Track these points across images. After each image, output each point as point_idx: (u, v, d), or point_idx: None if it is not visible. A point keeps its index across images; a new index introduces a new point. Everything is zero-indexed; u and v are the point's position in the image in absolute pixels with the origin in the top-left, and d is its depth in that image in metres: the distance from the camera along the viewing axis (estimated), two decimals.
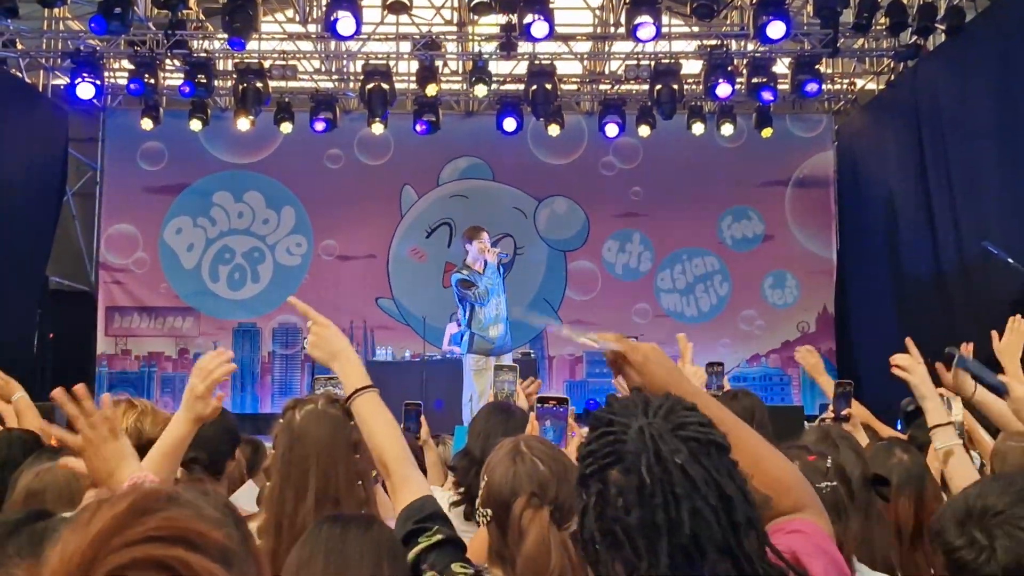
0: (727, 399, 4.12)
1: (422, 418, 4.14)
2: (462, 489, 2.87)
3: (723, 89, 10.41)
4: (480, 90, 10.90)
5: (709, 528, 1.23)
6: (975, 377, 3.00)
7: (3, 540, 1.51)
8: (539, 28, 9.20)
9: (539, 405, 2.88)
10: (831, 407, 4.03)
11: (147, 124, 11.52)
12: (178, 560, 0.85)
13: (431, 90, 10.75)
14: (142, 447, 2.27)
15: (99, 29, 9.16)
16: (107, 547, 0.84)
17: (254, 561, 0.99)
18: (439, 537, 1.81)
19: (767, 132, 11.68)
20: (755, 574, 1.23)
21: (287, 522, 2.14)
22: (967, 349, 3.07)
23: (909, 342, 3.02)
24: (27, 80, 11.19)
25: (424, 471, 3.64)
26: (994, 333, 3.14)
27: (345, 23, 9.20)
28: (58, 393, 1.95)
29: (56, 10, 10.22)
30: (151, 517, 0.87)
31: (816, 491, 1.98)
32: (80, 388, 1.98)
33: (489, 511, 1.84)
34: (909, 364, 2.96)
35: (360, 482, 2.26)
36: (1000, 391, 2.94)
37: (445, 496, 2.91)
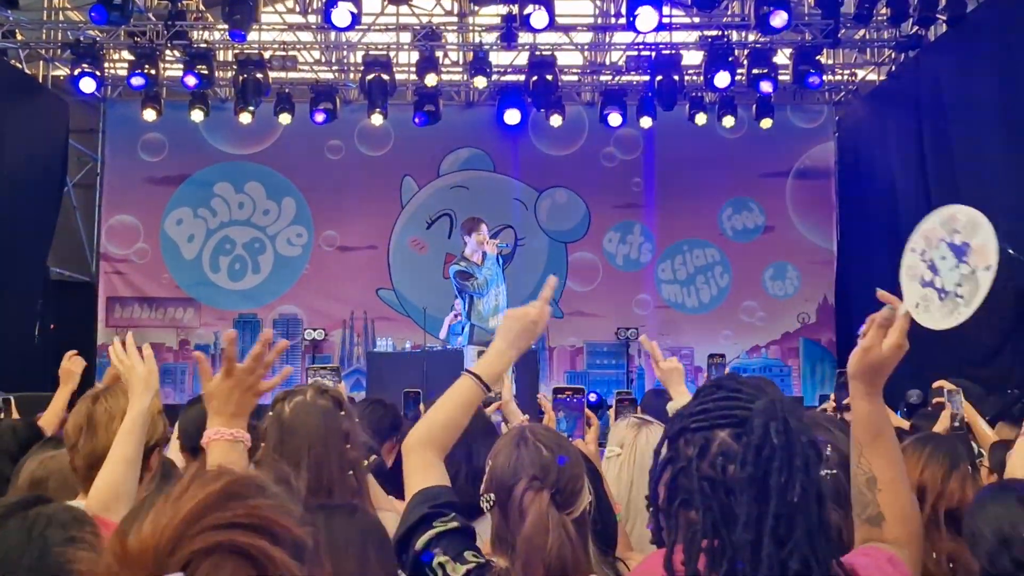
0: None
1: (421, 406, 4.15)
2: None
3: (721, 79, 10.38)
4: (479, 82, 10.88)
5: (808, 508, 1.28)
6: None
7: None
8: (539, 18, 9.18)
9: (555, 396, 2.89)
10: (832, 396, 4.05)
11: (148, 115, 11.51)
12: (260, 551, 0.89)
13: (430, 80, 10.74)
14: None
15: (100, 19, 9.14)
16: (196, 526, 0.88)
17: (319, 560, 1.02)
18: (454, 524, 1.82)
19: (766, 123, 11.66)
20: (826, 573, 1.28)
21: None
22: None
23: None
24: (27, 71, 11.18)
25: None
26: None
27: (340, 14, 9.19)
28: (199, 355, 2.04)
29: (56, 1, 10.20)
30: (240, 503, 0.91)
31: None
32: (230, 333, 2.04)
33: (492, 496, 1.85)
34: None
35: (351, 471, 2.27)
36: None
37: None
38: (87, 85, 10.31)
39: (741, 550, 1.27)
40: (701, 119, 11.53)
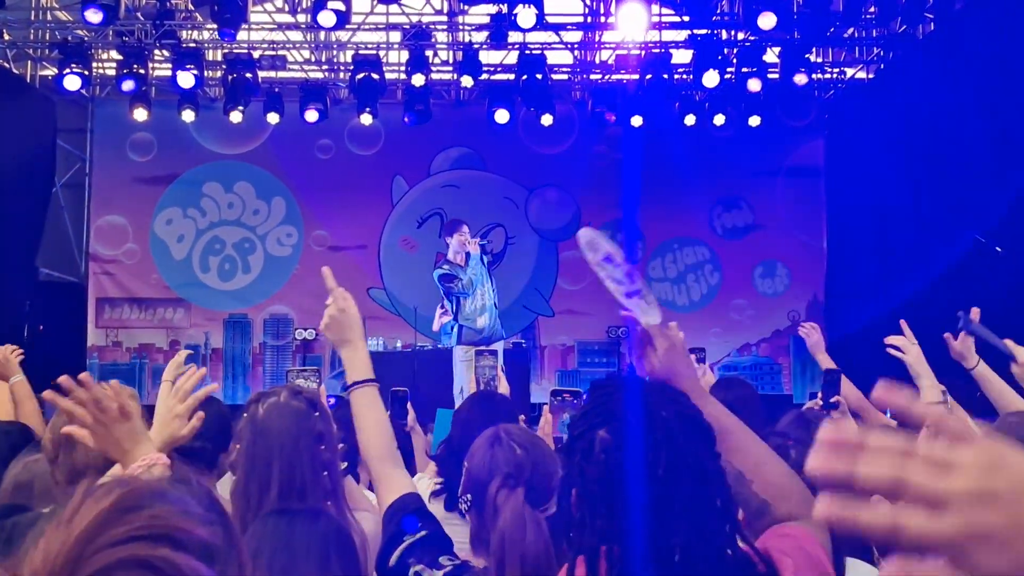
0: (720, 387, 4.14)
1: (408, 404, 4.15)
2: (441, 480, 2.88)
3: (710, 78, 10.40)
4: (466, 81, 10.88)
5: (681, 483, 1.26)
6: (981, 342, 3.03)
7: None
8: (528, 17, 9.17)
9: (553, 399, 2.91)
10: (820, 394, 4.06)
11: (138, 115, 11.46)
12: (163, 559, 0.85)
13: (418, 80, 10.72)
14: None
15: (100, 21, 9.06)
16: (92, 546, 0.84)
17: (238, 556, 0.99)
18: (423, 533, 1.82)
19: (755, 121, 11.67)
20: (722, 549, 1.25)
21: (251, 516, 2.13)
22: (975, 314, 3.09)
23: (904, 324, 3.05)
24: (14, 71, 11.13)
25: (412, 458, 3.65)
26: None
27: (326, 16, 9.18)
28: (49, 394, 1.92)
29: (43, 0, 10.16)
30: (136, 515, 0.87)
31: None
32: (84, 375, 1.96)
33: (469, 496, 1.85)
34: (904, 344, 3.00)
35: (326, 473, 2.26)
36: (1009, 356, 2.97)
37: (426, 484, 2.92)
38: (71, 83, 10.26)
39: (628, 539, 1.25)
40: (690, 119, 11.54)
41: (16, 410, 3.65)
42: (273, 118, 11.49)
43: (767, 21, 9.05)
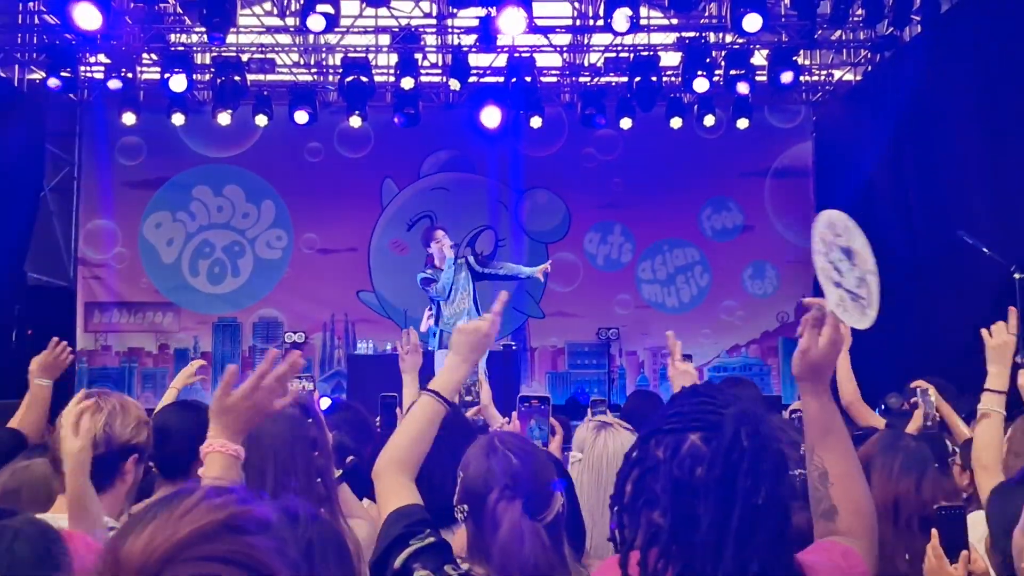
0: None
1: (398, 410, 4.14)
2: None
3: (700, 84, 10.44)
4: (454, 84, 10.88)
5: (771, 514, 1.31)
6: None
7: None
8: (516, 19, 9.16)
9: (522, 406, 2.90)
10: None
11: (128, 120, 11.44)
12: None
13: (406, 83, 10.72)
14: (114, 452, 2.25)
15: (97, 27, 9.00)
16: (189, 552, 0.88)
17: None
18: (431, 540, 1.83)
19: (743, 123, 11.71)
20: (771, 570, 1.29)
21: None
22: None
23: (1013, 312, 3.07)
24: (2, 74, 11.08)
25: None
26: (984, 332, 3.16)
27: (315, 19, 9.17)
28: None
29: (31, 3, 10.12)
30: (237, 539, 0.90)
31: (793, 479, 2.02)
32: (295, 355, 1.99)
33: (465, 507, 1.86)
34: (997, 331, 3.04)
35: (320, 479, 2.26)
36: None
37: None
38: (53, 82, 10.22)
39: (701, 552, 1.28)
40: (676, 123, 11.57)
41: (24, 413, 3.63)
42: (262, 120, 11.48)
43: (753, 23, 9.06)
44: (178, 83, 10.41)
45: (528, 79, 10.71)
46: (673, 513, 1.32)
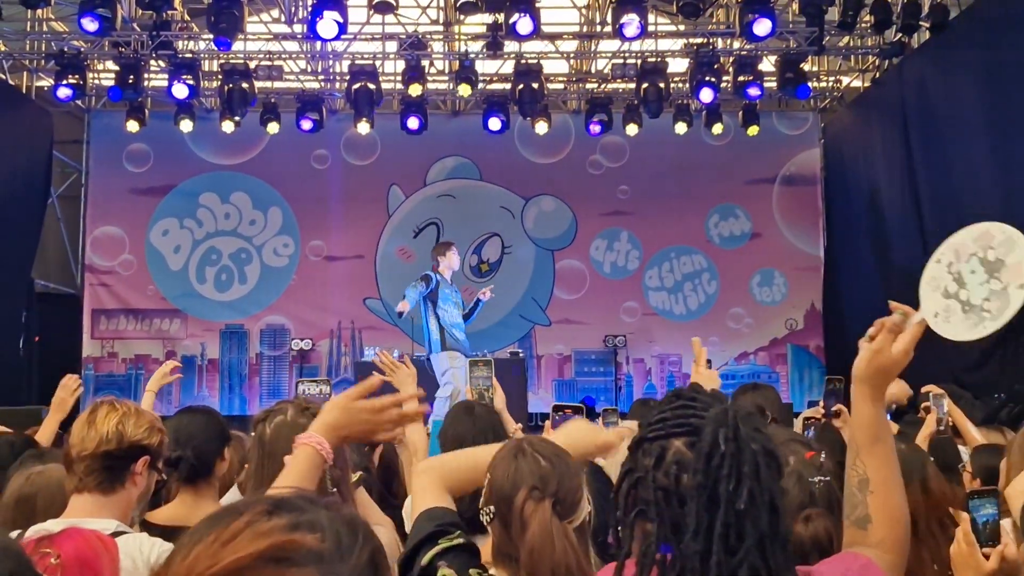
0: (746, 389, 4.15)
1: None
2: None
3: (706, 94, 10.44)
4: (464, 90, 10.89)
5: (758, 516, 1.27)
6: None
7: None
8: (524, 25, 9.18)
9: (555, 415, 2.90)
10: (821, 403, 4.05)
11: (132, 126, 11.47)
12: None
13: (414, 90, 10.73)
14: (124, 449, 2.25)
15: (96, 30, 9.03)
16: None
17: None
18: (459, 541, 1.82)
19: (753, 130, 11.70)
20: None
21: None
22: None
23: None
24: (10, 82, 11.12)
25: (398, 473, 3.61)
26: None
27: (326, 26, 9.18)
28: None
29: (39, 11, 10.15)
30: (283, 570, 0.86)
31: (809, 485, 2.00)
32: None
33: (492, 508, 1.84)
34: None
35: (335, 490, 2.25)
36: None
37: None
38: (63, 92, 10.29)
39: (691, 560, 1.26)
40: (681, 128, 11.57)
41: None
42: (273, 128, 11.51)
43: (762, 27, 9.06)
44: (179, 90, 10.46)
45: (535, 86, 10.71)
46: (662, 521, 1.30)
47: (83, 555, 2.02)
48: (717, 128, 11.65)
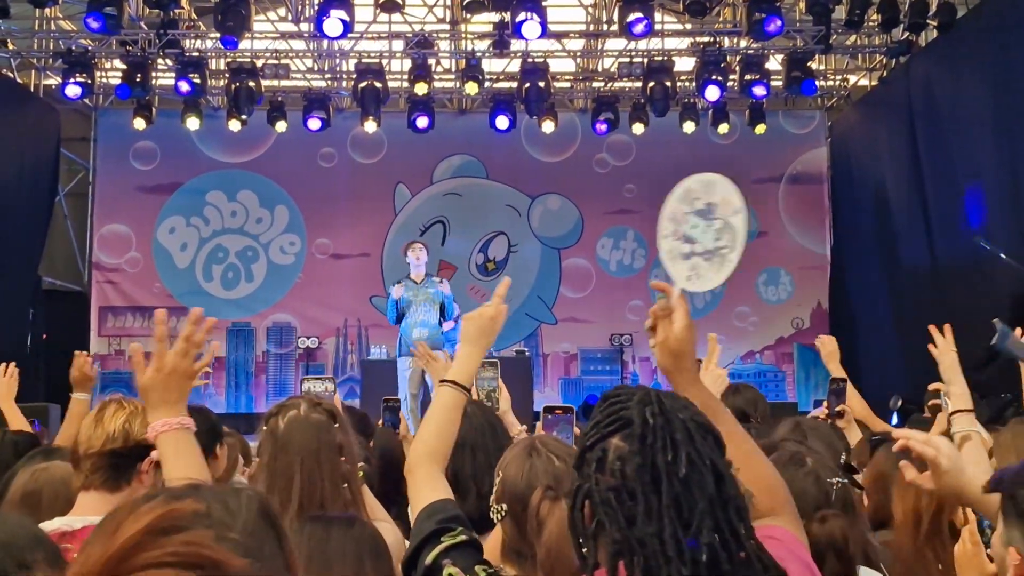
0: (729, 393, 4.15)
1: (401, 413, 4.15)
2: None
3: (712, 92, 10.43)
4: (471, 88, 10.89)
5: (702, 480, 1.26)
6: (1009, 354, 3.02)
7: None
8: (531, 27, 9.19)
9: (546, 415, 2.91)
10: (825, 403, 4.05)
11: (139, 124, 11.49)
12: None
13: (420, 88, 10.74)
14: (131, 448, 2.26)
15: (99, 28, 9.07)
16: (124, 566, 0.84)
17: None
18: (463, 538, 1.81)
19: (760, 129, 11.68)
20: (739, 549, 1.25)
21: None
22: (1020, 334, 3.08)
23: (948, 328, 3.02)
24: (18, 80, 11.15)
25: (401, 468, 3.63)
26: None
27: (332, 24, 9.19)
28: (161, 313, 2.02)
29: (47, 10, 10.18)
30: (172, 538, 0.86)
31: (826, 485, 2.01)
32: (196, 311, 2.01)
33: (504, 506, 1.84)
34: (942, 348, 2.98)
35: (346, 484, 2.26)
36: None
37: None
38: (73, 91, 10.32)
39: (650, 544, 1.24)
40: (689, 127, 11.56)
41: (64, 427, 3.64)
42: (281, 126, 11.53)
43: (771, 25, 9.06)
44: (186, 85, 10.48)
45: (541, 84, 10.71)
46: (619, 521, 1.28)
47: None
48: (723, 127, 11.63)
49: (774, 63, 11.14)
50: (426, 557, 1.79)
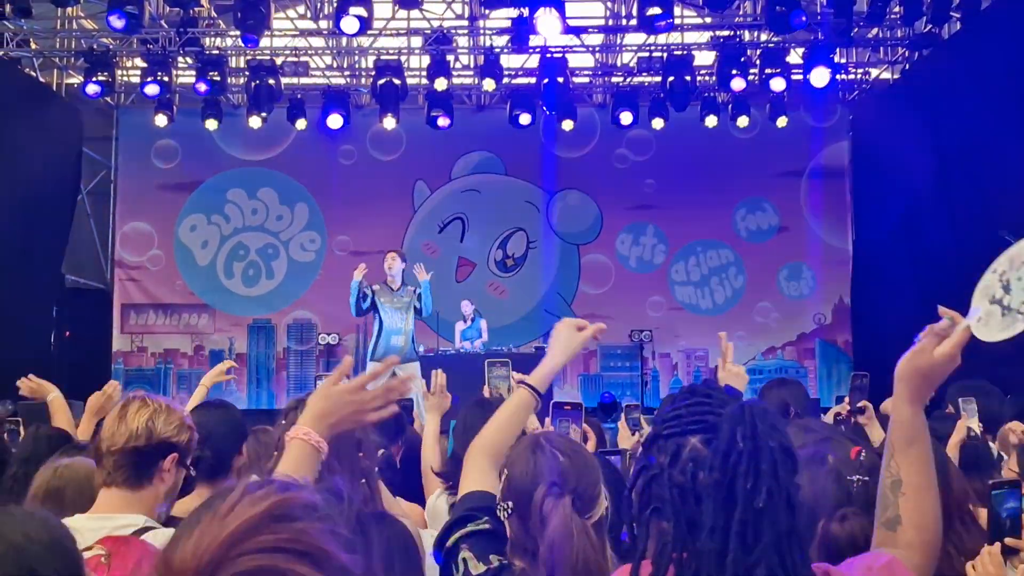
0: (773, 385, 4.12)
1: (415, 412, 4.15)
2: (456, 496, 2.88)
3: (737, 83, 10.37)
4: (488, 84, 10.87)
5: (776, 514, 1.26)
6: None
7: None
8: (550, 22, 9.16)
9: (555, 411, 2.91)
10: (847, 399, 4.02)
11: (161, 122, 11.55)
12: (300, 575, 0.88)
13: (439, 85, 10.74)
14: (153, 446, 2.26)
15: (122, 27, 9.11)
16: (238, 548, 0.88)
17: None
18: (486, 526, 1.85)
19: (782, 122, 11.59)
20: None
21: None
22: None
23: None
24: (41, 79, 11.24)
25: (419, 464, 3.63)
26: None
27: (349, 22, 9.20)
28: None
29: (69, 9, 10.25)
30: (286, 526, 0.90)
31: (847, 483, 1.98)
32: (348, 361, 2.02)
33: (510, 503, 1.84)
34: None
35: (363, 480, 2.26)
36: None
37: (446, 500, 2.94)
38: (92, 89, 10.40)
39: (707, 559, 1.24)
40: (711, 121, 11.49)
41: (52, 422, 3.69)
42: (302, 124, 11.57)
43: (794, 18, 9.00)
44: (202, 86, 10.53)
45: (560, 80, 10.68)
46: (678, 520, 1.29)
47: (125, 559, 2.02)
48: (742, 121, 11.55)
49: (795, 56, 11.05)
50: (450, 539, 1.85)
